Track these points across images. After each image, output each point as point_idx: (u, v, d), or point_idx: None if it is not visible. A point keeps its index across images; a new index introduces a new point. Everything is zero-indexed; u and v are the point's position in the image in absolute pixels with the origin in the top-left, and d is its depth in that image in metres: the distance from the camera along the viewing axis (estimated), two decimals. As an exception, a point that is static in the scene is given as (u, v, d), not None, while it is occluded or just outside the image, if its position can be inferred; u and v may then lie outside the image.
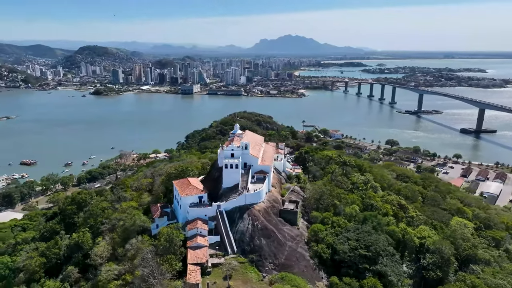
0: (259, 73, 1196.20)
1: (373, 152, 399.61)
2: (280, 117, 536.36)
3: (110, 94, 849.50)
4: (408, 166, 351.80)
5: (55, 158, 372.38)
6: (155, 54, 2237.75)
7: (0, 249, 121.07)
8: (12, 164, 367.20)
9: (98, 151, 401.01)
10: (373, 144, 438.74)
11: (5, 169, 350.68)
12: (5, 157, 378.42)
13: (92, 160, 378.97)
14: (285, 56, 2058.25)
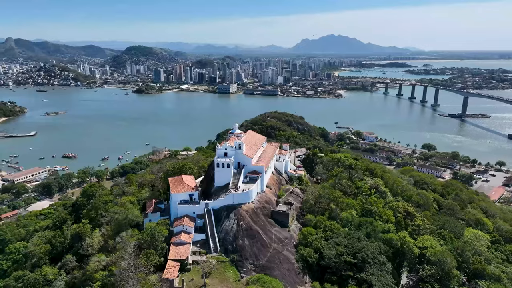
0: (297, 73, 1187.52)
1: (407, 156, 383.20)
2: (313, 118, 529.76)
3: (151, 92, 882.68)
4: (443, 173, 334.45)
5: (94, 152, 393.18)
6: (198, 54, 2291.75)
7: (21, 235, 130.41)
8: (56, 157, 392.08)
9: (133, 147, 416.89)
10: (408, 148, 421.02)
11: (49, 161, 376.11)
12: (50, 150, 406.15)
13: (127, 155, 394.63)
14: (326, 56, 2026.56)
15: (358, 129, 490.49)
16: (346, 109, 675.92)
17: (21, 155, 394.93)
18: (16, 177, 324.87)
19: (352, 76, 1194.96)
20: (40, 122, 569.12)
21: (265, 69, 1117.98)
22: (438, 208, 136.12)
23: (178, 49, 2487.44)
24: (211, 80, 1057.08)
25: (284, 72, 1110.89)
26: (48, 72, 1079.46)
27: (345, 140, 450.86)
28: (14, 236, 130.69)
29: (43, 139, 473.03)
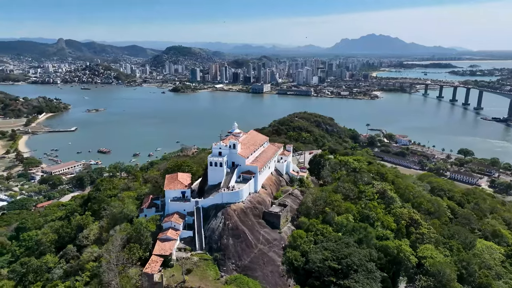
0: (333, 73, 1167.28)
1: (441, 161, 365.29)
2: (345, 119, 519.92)
3: (186, 91, 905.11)
4: (479, 180, 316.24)
5: (127, 148, 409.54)
6: (235, 54, 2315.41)
7: (39, 224, 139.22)
8: (91, 152, 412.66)
9: (164, 144, 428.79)
10: (443, 152, 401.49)
11: (85, 156, 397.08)
12: (87, 144, 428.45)
13: (157, 152, 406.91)
14: (365, 56, 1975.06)
15: (390, 132, 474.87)
16: (380, 111, 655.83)
17: (61, 149, 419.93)
18: (54, 170, 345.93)
19: (390, 77, 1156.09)
20: (81, 118, 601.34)
21: (300, 69, 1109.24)
22: (452, 217, 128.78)
23: (216, 49, 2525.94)
24: (245, 79, 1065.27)
25: (319, 72, 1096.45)
26: (92, 71, 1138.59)
27: (375, 142, 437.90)
28: (33, 225, 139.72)
29: (82, 134, 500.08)
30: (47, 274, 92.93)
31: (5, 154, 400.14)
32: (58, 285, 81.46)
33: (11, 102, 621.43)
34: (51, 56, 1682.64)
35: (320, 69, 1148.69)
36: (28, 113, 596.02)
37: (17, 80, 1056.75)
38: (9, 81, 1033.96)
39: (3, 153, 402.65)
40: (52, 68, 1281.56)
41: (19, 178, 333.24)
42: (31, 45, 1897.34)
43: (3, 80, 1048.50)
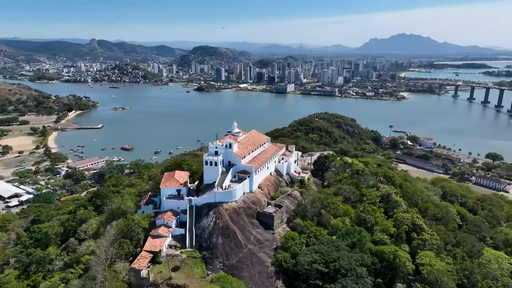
0: (360, 73, 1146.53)
1: (466, 166, 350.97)
2: (368, 120, 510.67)
3: (210, 90, 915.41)
4: (507, 186, 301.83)
5: (149, 146, 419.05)
6: (262, 54, 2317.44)
7: (52, 217, 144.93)
8: (115, 148, 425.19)
9: (185, 142, 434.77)
10: (470, 156, 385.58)
11: (108, 152, 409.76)
12: (111, 141, 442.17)
13: (178, 150, 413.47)
14: (395, 56, 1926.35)
15: (415, 134, 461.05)
16: (406, 112, 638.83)
17: (86, 145, 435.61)
18: (78, 165, 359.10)
19: (419, 77, 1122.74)
20: (107, 116, 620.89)
21: (325, 69, 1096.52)
22: (461, 224, 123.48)
23: (243, 49, 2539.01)
24: (270, 79, 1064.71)
25: (344, 72, 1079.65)
26: (121, 70, 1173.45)
27: (398, 145, 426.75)
28: (47, 217, 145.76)
29: (107, 131, 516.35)
30: (48, 265, 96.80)
31: (35, 149, 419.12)
32: (54, 276, 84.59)
33: (44, 100, 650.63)
34: (84, 56, 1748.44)
35: (346, 69, 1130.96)
36: (59, 110, 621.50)
37: (51, 79, 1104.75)
38: (44, 80, 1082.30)
39: (33, 148, 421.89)
40: (84, 67, 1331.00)
41: (46, 172, 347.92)
42: (66, 45, 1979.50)
43: (38, 78, 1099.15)
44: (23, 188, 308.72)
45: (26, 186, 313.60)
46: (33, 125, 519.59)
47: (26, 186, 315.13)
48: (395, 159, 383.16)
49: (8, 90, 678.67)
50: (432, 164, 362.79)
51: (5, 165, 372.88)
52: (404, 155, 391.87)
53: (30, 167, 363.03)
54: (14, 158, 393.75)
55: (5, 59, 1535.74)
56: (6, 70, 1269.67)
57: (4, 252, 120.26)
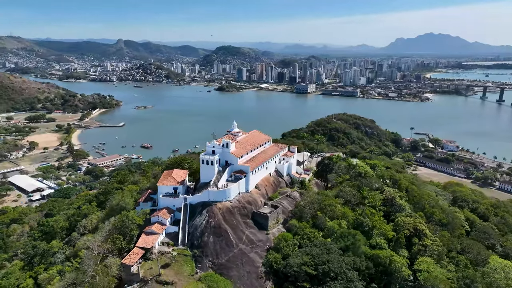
0: (383, 74, 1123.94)
1: (490, 170, 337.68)
2: (388, 122, 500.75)
3: (231, 90, 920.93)
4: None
5: (168, 144, 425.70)
6: (285, 54, 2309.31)
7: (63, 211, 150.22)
8: (135, 146, 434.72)
9: (204, 141, 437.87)
10: (495, 160, 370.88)
11: (128, 150, 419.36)
12: (131, 139, 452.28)
13: (195, 149, 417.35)
14: (421, 57, 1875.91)
15: (437, 136, 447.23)
16: (429, 114, 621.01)
17: (108, 143, 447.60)
18: (98, 162, 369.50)
19: (446, 78, 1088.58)
20: (130, 114, 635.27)
21: (347, 69, 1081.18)
22: (470, 230, 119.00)
23: (266, 49, 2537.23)
24: (291, 79, 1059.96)
25: (367, 72, 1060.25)
26: (145, 69, 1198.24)
27: (419, 147, 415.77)
28: (58, 212, 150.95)
29: (128, 129, 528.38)
30: (51, 258, 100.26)
31: (59, 146, 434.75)
32: (53, 268, 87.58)
33: (70, 98, 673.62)
34: (110, 56, 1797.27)
35: (369, 69, 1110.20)
36: (84, 108, 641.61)
37: (78, 78, 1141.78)
38: (72, 79, 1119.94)
39: (58, 145, 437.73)
40: (110, 67, 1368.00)
41: (68, 168, 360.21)
42: (94, 46, 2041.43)
43: (67, 77, 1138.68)
44: (46, 183, 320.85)
45: (49, 181, 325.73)
46: (58, 123, 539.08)
47: (49, 181, 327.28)
48: (415, 162, 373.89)
49: (38, 88, 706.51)
50: (453, 168, 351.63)
51: (31, 161, 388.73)
52: (424, 158, 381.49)
53: (53, 163, 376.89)
54: (39, 154, 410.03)
55: (37, 59, 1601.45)
56: (37, 70, 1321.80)
57: (15, 244, 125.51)
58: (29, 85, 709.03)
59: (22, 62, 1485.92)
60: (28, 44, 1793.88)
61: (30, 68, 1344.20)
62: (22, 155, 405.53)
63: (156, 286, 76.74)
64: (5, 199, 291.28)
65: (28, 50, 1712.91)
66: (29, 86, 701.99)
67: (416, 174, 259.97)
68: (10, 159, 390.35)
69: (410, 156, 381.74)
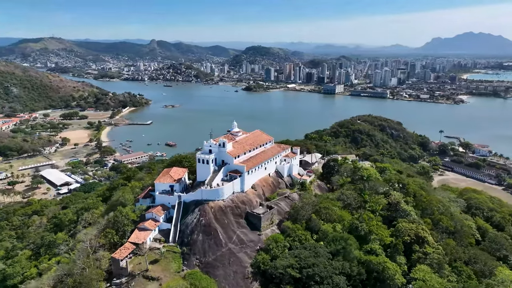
0: (416, 75, 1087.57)
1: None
2: (419, 124, 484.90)
3: (258, 90, 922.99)
4: None
5: (192, 142, 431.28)
6: (315, 54, 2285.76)
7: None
8: (160, 144, 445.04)
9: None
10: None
11: (153, 148, 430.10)
12: (157, 137, 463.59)
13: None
14: (459, 57, 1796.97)
15: (468, 140, 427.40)
16: (462, 117, 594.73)
17: (134, 140, 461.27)
18: (124, 159, 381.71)
19: (484, 79, 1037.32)
20: (158, 113, 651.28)
21: (377, 70, 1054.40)
22: (480, 239, 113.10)
23: (296, 49, 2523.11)
24: (319, 80, 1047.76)
25: (399, 73, 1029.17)
26: (175, 69, 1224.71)
27: (448, 151, 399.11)
28: (73, 205, 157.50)
29: (155, 127, 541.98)
30: (55, 249, 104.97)
31: (89, 142, 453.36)
32: (53, 259, 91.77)
33: (102, 97, 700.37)
34: (144, 56, 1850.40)
35: (401, 70, 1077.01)
36: (115, 106, 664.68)
37: (112, 77, 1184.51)
38: (106, 78, 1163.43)
39: (87, 141, 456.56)
40: (143, 66, 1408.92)
41: (95, 164, 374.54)
42: (129, 46, 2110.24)
43: (101, 77, 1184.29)
44: (74, 177, 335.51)
45: (76, 176, 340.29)
46: (90, 120, 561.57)
47: (76, 175, 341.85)
48: (442, 166, 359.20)
49: (73, 87, 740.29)
50: (483, 173, 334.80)
51: (62, 156, 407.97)
52: (452, 163, 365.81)
53: (82, 158, 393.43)
54: (70, 150, 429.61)
55: (76, 59, 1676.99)
56: (75, 69, 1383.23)
57: (30, 234, 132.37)
58: (66, 84, 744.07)
59: (62, 62, 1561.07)
60: (68, 45, 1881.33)
61: (68, 67, 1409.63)
62: (54, 150, 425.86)
63: (142, 281, 78.60)
64: (36, 191, 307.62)
65: (68, 50, 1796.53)
66: (65, 85, 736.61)
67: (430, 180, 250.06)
68: (44, 153, 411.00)
69: (437, 160, 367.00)
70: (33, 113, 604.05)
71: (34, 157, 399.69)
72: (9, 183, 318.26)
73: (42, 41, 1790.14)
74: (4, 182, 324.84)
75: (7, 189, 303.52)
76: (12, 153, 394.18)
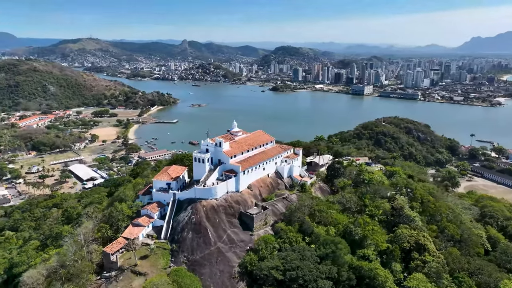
0: (451, 76, 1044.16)
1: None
2: (449, 127, 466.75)
3: (285, 90, 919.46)
4: None
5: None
6: (346, 54, 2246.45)
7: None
8: (184, 143, 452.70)
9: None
10: None
11: (177, 146, 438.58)
12: (182, 136, 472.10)
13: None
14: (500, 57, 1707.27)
15: (502, 145, 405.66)
16: (499, 120, 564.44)
17: (160, 138, 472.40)
18: (148, 156, 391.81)
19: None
20: (184, 112, 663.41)
21: (408, 70, 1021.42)
22: (490, 250, 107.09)
23: (328, 49, 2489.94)
24: (348, 80, 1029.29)
25: (432, 74, 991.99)
26: (204, 69, 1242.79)
27: (478, 156, 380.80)
28: (88, 199, 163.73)
29: (181, 126, 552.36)
30: (60, 241, 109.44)
31: (116, 139, 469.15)
32: (54, 250, 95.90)
33: (132, 95, 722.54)
34: (175, 56, 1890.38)
35: (434, 71, 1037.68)
36: (143, 105, 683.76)
37: (144, 76, 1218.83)
38: (138, 77, 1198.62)
39: (115, 138, 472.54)
40: (174, 66, 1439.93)
41: (120, 160, 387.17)
42: (161, 46, 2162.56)
43: (133, 76, 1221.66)
44: (99, 173, 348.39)
45: (102, 171, 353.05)
46: (119, 118, 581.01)
47: (102, 171, 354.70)
48: (471, 172, 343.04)
49: (105, 86, 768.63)
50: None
51: (90, 152, 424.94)
52: (482, 168, 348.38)
53: (108, 154, 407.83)
54: (98, 146, 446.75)
55: (110, 59, 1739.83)
56: (109, 68, 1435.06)
57: (43, 226, 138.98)
58: (98, 83, 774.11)
59: (97, 62, 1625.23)
60: (104, 45, 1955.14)
61: (103, 67, 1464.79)
62: (84, 146, 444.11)
63: (130, 275, 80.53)
64: (64, 185, 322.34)
65: (104, 50, 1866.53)
66: (98, 84, 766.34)
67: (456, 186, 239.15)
68: (74, 149, 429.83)
69: (466, 165, 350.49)
70: (67, 110, 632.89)
71: (65, 152, 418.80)
72: (40, 176, 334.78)
73: (80, 42, 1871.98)
74: (36, 176, 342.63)
75: (38, 182, 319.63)
76: (45, 148, 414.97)
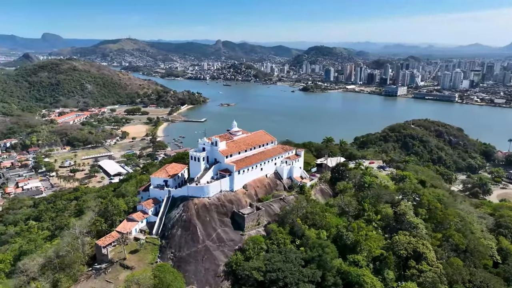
0: (494, 77, 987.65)
1: None
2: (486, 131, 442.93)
3: (315, 91, 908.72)
4: None
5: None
6: (382, 54, 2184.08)
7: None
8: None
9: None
10: None
11: (195, 144, 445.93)
12: (208, 134, 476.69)
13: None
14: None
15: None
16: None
17: (187, 137, 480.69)
18: (172, 153, 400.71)
19: None
20: (213, 111, 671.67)
21: (445, 71, 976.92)
22: (497, 261, 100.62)
23: (363, 49, 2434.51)
24: (381, 81, 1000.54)
25: (472, 75, 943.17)
26: (235, 69, 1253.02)
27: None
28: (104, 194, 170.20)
29: (209, 125, 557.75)
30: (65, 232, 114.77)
31: (145, 137, 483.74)
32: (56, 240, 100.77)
33: (163, 94, 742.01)
34: (209, 56, 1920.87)
35: (475, 72, 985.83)
36: (174, 104, 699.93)
37: (177, 76, 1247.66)
38: (172, 77, 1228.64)
39: (144, 136, 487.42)
40: (207, 66, 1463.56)
41: (147, 157, 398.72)
42: (196, 46, 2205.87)
43: (167, 75, 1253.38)
44: (126, 168, 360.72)
45: (129, 167, 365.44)
46: (150, 116, 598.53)
47: (129, 167, 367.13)
48: (506, 179, 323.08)
49: (139, 85, 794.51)
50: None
51: (120, 148, 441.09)
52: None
53: (136, 151, 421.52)
54: (128, 143, 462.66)
55: (147, 58, 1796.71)
56: (145, 68, 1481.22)
57: (58, 218, 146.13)
58: (133, 82, 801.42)
59: (135, 61, 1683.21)
60: (141, 45, 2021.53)
61: (140, 66, 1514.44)
62: (114, 142, 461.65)
63: (118, 268, 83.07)
64: (92, 180, 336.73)
65: (141, 50, 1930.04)
66: (132, 83, 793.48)
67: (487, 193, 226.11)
68: (105, 145, 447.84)
69: (501, 171, 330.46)
70: (102, 108, 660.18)
71: (96, 148, 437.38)
72: (72, 170, 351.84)
73: (119, 42, 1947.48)
74: (68, 170, 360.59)
75: (69, 175, 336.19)
76: (78, 143, 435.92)
